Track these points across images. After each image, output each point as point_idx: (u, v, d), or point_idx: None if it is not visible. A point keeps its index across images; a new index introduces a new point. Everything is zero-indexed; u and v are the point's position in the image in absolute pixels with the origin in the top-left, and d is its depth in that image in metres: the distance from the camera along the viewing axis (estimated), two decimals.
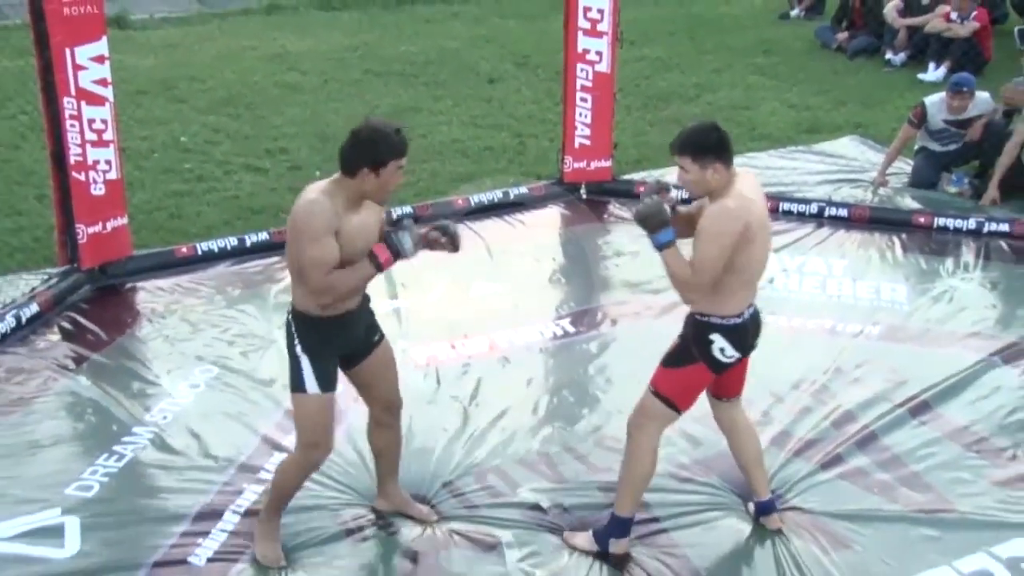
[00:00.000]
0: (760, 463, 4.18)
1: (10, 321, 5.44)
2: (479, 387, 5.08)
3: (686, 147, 3.73)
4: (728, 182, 3.72)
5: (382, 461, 4.18)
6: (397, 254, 3.67)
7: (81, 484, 4.35)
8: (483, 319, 5.69)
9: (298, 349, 3.75)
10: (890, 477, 4.47)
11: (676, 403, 3.88)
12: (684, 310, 5.84)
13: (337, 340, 3.80)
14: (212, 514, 4.19)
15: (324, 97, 9.42)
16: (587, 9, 7.01)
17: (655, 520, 4.18)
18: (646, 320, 5.75)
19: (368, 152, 3.57)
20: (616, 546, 3.99)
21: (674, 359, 3.88)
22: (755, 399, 4.90)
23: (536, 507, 4.26)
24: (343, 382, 3.90)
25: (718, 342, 3.79)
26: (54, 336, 5.52)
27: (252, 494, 4.30)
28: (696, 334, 3.82)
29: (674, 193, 4.07)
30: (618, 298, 6.04)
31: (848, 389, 5.07)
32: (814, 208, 7.06)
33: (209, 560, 3.96)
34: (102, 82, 5.71)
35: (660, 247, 3.74)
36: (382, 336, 3.99)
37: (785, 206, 7.10)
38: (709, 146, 3.71)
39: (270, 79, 9.83)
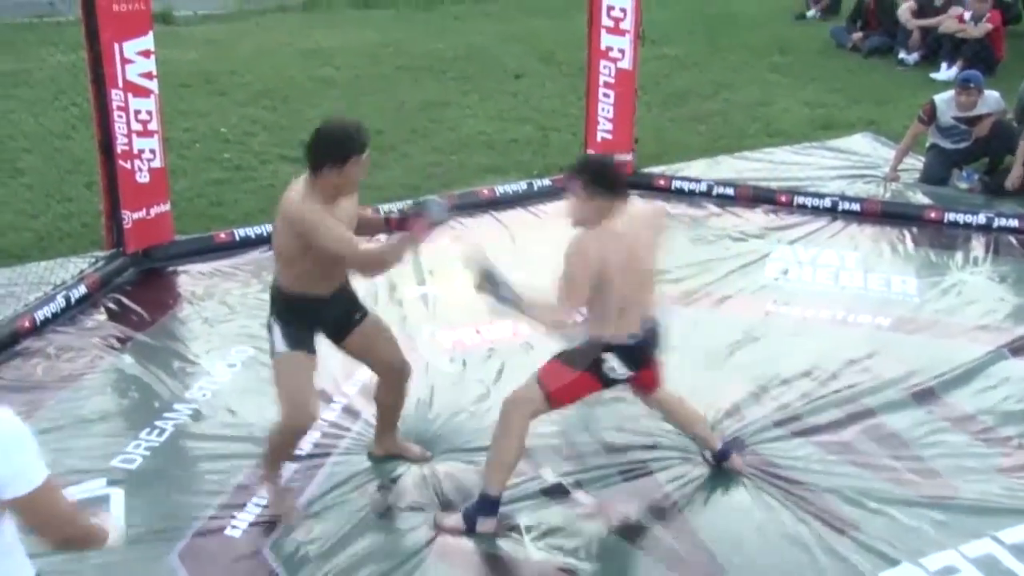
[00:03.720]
0: (699, 420, 4.41)
1: (60, 302, 5.63)
2: (503, 371, 5.21)
3: (583, 172, 3.81)
4: (606, 217, 3.77)
5: (383, 414, 4.44)
6: (433, 222, 3.86)
7: (125, 457, 4.50)
8: None
9: (271, 318, 3.99)
10: (897, 463, 4.55)
11: (551, 399, 3.95)
12: (704, 299, 6.08)
13: (307, 315, 3.97)
14: (248, 487, 4.32)
15: (356, 91, 9.63)
16: (610, 8, 7.17)
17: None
18: (663, 308, 5.92)
19: (331, 150, 3.72)
20: (483, 525, 4.05)
21: (569, 358, 3.94)
22: (768, 385, 5.11)
23: (557, 488, 4.36)
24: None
25: (609, 361, 3.89)
26: (101, 316, 5.71)
27: (285, 471, 4.40)
28: (590, 349, 3.89)
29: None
30: None
31: (858, 377, 5.18)
32: (828, 202, 7.23)
33: (245, 531, 4.10)
34: (148, 75, 5.88)
35: (509, 304, 3.85)
36: (365, 313, 4.18)
37: (799, 200, 7.27)
38: (603, 180, 3.77)
39: (305, 73, 10.04)
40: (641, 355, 3.99)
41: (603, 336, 3.89)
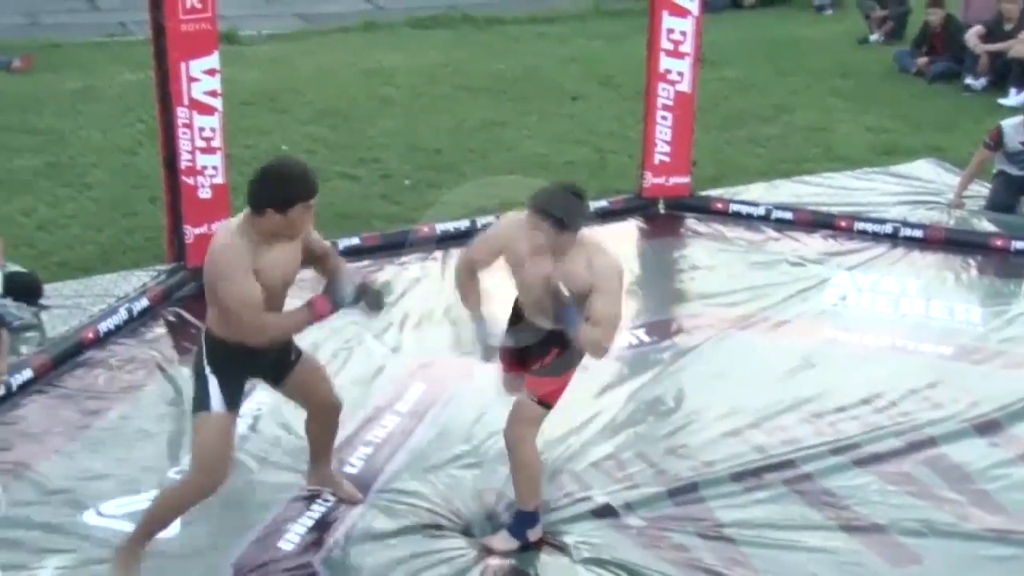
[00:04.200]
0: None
1: (123, 314, 5.74)
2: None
3: (546, 212, 3.86)
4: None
5: (316, 447, 4.31)
6: (335, 304, 3.67)
7: (182, 468, 4.51)
8: None
9: (207, 369, 3.70)
10: (960, 496, 4.48)
11: (547, 403, 4.05)
12: (760, 324, 6.04)
13: (245, 364, 3.75)
14: (302, 501, 4.37)
15: (416, 110, 9.70)
16: (670, 31, 7.15)
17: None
18: (719, 332, 5.89)
19: (275, 192, 3.47)
20: (533, 534, 4.14)
21: (556, 369, 4.04)
22: (824, 412, 5.06)
23: (607, 509, 4.37)
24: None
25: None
26: (161, 329, 5.79)
27: None
28: (563, 343, 4.00)
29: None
30: (692, 310, 6.18)
31: (918, 407, 5.10)
32: (889, 228, 7.12)
33: (298, 545, 4.14)
34: (212, 93, 5.97)
35: (574, 326, 3.86)
36: (299, 353, 3.98)
37: (860, 226, 7.17)
38: (568, 216, 3.86)
39: (365, 92, 10.14)
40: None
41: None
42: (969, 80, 10.77)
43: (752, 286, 6.41)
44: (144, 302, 5.90)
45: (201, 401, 3.72)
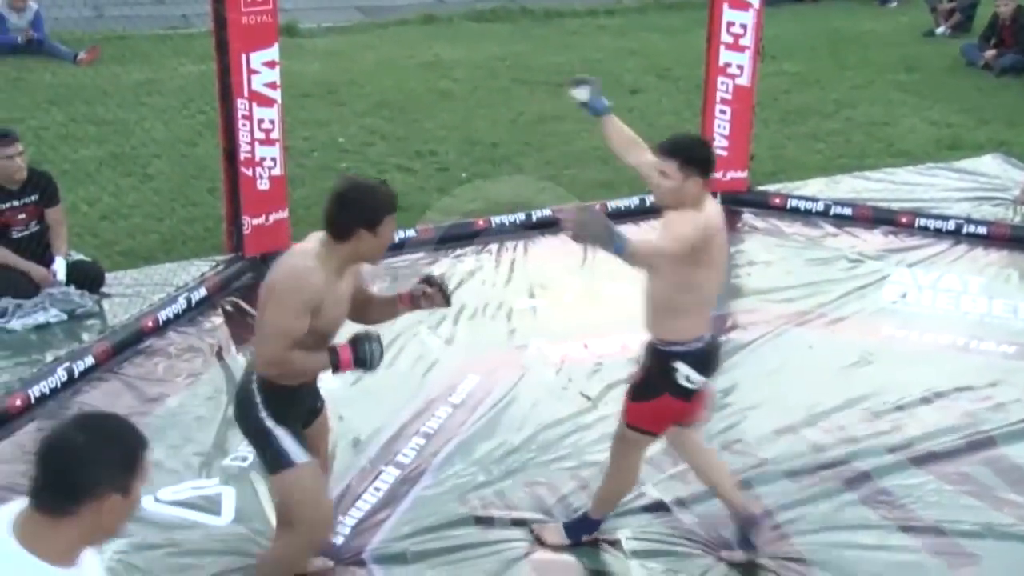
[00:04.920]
0: (726, 479, 4.08)
1: (182, 303, 5.82)
2: (610, 386, 5.18)
3: (677, 152, 3.61)
4: (699, 201, 3.63)
5: None
6: (362, 364, 3.37)
7: (237, 456, 4.61)
8: (616, 320, 5.82)
9: (268, 422, 3.41)
10: (1020, 497, 4.41)
11: (651, 431, 3.87)
12: (818, 320, 5.96)
13: (300, 411, 3.55)
14: (352, 493, 4.39)
15: (473, 104, 9.73)
16: (730, 24, 7.10)
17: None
18: (775, 327, 5.84)
19: (362, 211, 3.26)
20: (587, 537, 4.10)
21: (640, 393, 3.80)
22: (882, 412, 5.00)
23: (659, 504, 4.35)
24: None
25: (682, 370, 3.69)
26: (218, 318, 5.86)
27: (389, 476, 4.52)
28: (658, 363, 3.73)
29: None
30: (749, 305, 6.13)
31: (979, 405, 5.04)
32: (951, 225, 6.99)
33: (348, 537, 4.15)
34: (272, 85, 6.03)
35: (620, 250, 3.40)
36: (323, 402, 3.75)
37: (922, 222, 7.05)
38: (698, 159, 3.63)
39: (423, 85, 10.19)
40: (710, 362, 3.80)
41: (673, 344, 3.71)
42: None
43: (809, 282, 6.35)
44: (202, 291, 5.98)
45: (277, 458, 3.43)
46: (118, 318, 5.74)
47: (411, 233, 6.68)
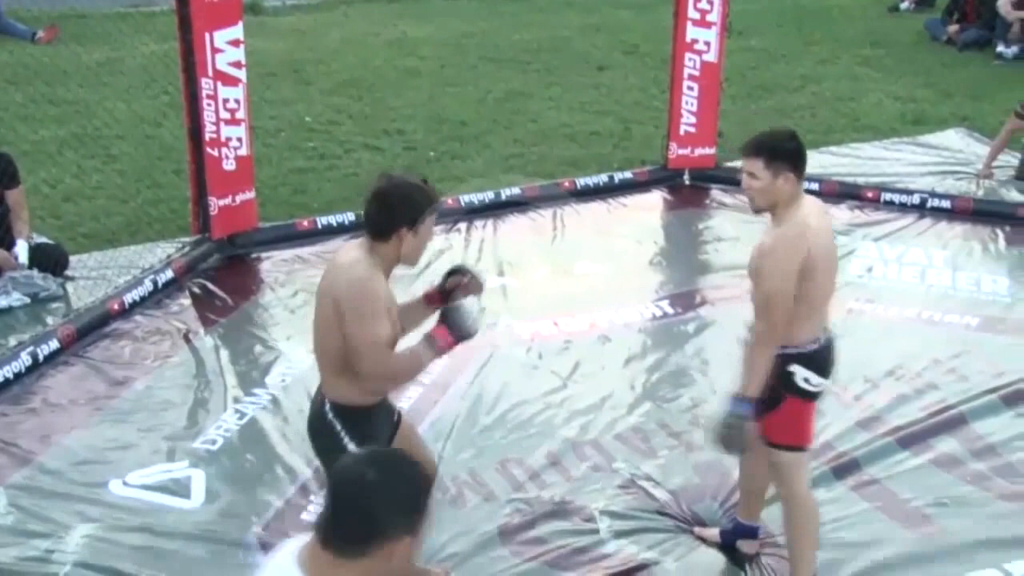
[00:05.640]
0: (764, 493, 3.95)
1: (148, 285, 5.77)
2: (579, 364, 5.21)
3: (761, 150, 3.41)
4: (794, 199, 3.44)
5: None
6: (461, 335, 3.28)
7: (207, 439, 4.60)
8: (585, 298, 5.85)
9: (352, 448, 3.25)
10: (984, 467, 4.47)
11: (797, 444, 3.62)
12: None
13: (382, 427, 3.42)
14: (323, 474, 4.23)
15: (441, 82, 9.68)
16: (697, 0, 7.10)
17: None
18: (744, 303, 5.82)
19: (404, 210, 3.16)
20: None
21: (767, 405, 3.55)
22: (849, 384, 5.02)
23: (631, 480, 4.37)
24: None
25: (799, 372, 3.53)
26: (186, 300, 5.82)
27: None
28: (775, 369, 3.51)
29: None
30: (717, 282, 6.16)
31: (943, 378, 5.09)
32: (916, 199, 7.06)
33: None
34: (237, 64, 5.97)
35: (747, 403, 3.44)
36: (400, 413, 3.60)
37: (887, 196, 7.11)
38: (786, 152, 3.41)
39: (390, 63, 10.13)
40: (827, 363, 3.60)
41: (787, 348, 3.49)
42: (1001, 48, 10.63)
43: None
44: (169, 274, 5.94)
45: None
46: (83, 301, 5.68)
47: None
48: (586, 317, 5.68)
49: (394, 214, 3.16)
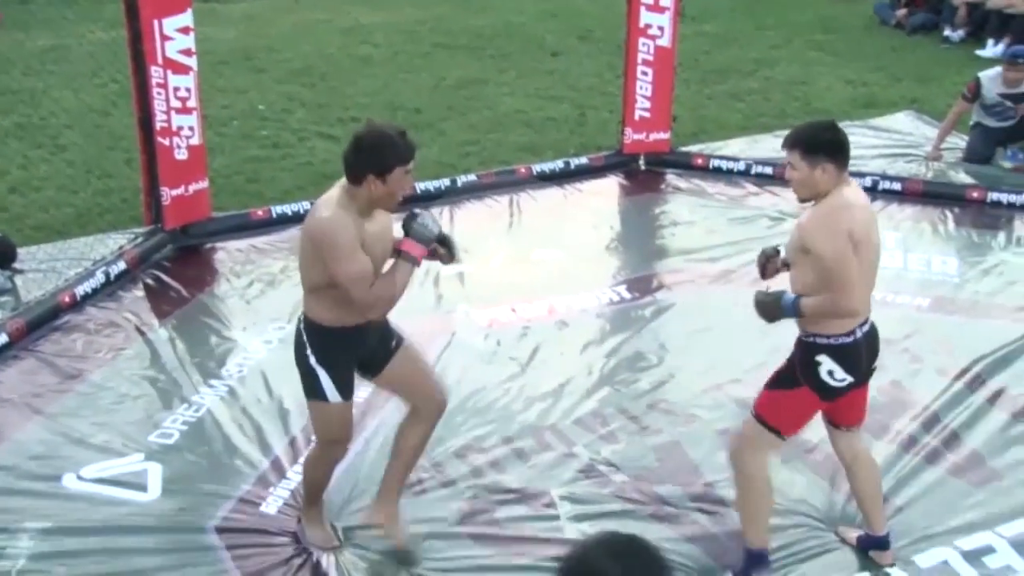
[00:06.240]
0: (880, 499, 3.88)
1: (100, 277, 5.69)
2: (537, 349, 5.22)
3: (798, 142, 3.44)
4: (836, 187, 3.43)
5: (398, 462, 3.91)
6: (425, 241, 3.50)
7: (162, 432, 4.55)
8: (542, 284, 5.86)
9: (312, 361, 3.60)
10: (934, 439, 4.54)
11: (779, 429, 3.57)
12: (743, 279, 6.05)
13: (350, 349, 3.63)
14: (281, 465, 4.35)
15: (395, 69, 9.64)
16: None
17: None
18: (700, 287, 5.90)
19: (373, 159, 3.36)
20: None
21: (778, 381, 3.56)
22: None
23: (590, 465, 4.37)
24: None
25: (826, 364, 3.45)
26: (139, 292, 5.76)
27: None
28: (802, 355, 3.48)
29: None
30: (673, 266, 6.20)
31: (897, 359, 5.10)
32: (868, 181, 7.09)
33: (279, 510, 4.11)
34: (187, 52, 5.89)
35: (795, 310, 3.44)
36: (400, 340, 3.78)
37: None
38: (821, 144, 3.42)
39: (344, 51, 10.06)
40: (859, 360, 3.52)
41: (818, 336, 3.46)
42: (948, 32, 10.78)
43: (733, 241, 6.42)
44: (121, 265, 5.86)
45: (315, 391, 3.66)
46: (32, 294, 5.58)
47: None
48: (544, 303, 5.69)
49: (363, 160, 3.38)
